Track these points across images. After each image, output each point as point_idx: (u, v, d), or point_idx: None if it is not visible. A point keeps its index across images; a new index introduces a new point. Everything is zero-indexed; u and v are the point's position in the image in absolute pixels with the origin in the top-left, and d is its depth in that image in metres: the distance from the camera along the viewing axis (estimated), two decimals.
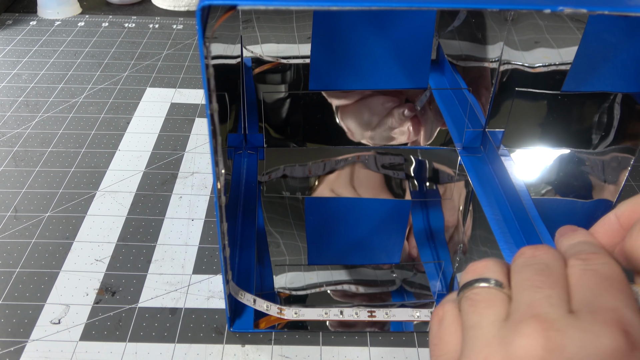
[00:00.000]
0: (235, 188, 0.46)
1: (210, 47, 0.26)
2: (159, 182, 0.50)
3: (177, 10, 0.81)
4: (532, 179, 0.45)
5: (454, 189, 0.49)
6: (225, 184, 0.32)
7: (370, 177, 0.50)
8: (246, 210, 0.45)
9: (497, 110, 0.48)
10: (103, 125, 0.57)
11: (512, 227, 0.42)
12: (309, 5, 0.23)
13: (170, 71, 0.66)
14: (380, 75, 0.47)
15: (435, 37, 0.50)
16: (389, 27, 0.45)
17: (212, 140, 0.27)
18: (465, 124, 0.50)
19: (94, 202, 0.48)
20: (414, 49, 0.46)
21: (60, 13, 0.77)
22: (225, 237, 0.32)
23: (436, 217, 0.46)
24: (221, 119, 0.28)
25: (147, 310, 0.39)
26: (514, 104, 0.46)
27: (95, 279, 0.41)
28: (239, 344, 0.37)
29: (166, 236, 0.45)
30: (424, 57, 0.46)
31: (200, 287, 0.41)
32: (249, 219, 0.44)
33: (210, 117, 0.26)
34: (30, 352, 0.36)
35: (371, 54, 0.46)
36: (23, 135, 0.55)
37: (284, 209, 0.46)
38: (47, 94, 0.61)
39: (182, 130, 0.56)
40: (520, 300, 0.20)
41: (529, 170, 0.46)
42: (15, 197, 0.48)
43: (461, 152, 0.50)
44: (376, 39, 0.45)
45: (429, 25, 0.45)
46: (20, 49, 0.69)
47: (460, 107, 0.52)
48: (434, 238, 0.44)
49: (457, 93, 0.53)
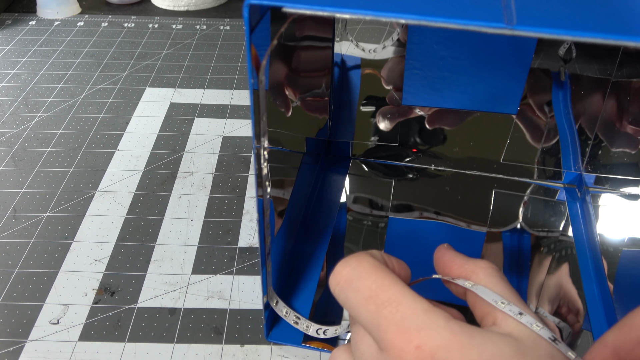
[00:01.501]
0: (305, 197, 0.44)
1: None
2: (158, 182, 0.50)
3: (177, 10, 0.81)
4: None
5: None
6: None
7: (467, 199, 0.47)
8: (319, 226, 0.43)
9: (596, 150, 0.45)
10: (102, 125, 0.57)
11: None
12: (355, 14, 0.22)
13: (169, 71, 0.66)
14: (470, 96, 0.46)
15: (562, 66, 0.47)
16: (485, 48, 0.43)
17: (254, 117, 0.26)
18: (571, 159, 0.46)
19: (93, 202, 0.48)
20: (508, 73, 0.44)
21: (60, 13, 0.77)
22: (267, 246, 0.31)
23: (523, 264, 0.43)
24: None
25: (146, 310, 0.39)
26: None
27: (94, 279, 0.41)
28: (238, 344, 0.37)
29: (165, 236, 0.45)
30: (517, 83, 0.45)
31: (200, 287, 0.41)
32: (323, 237, 0.43)
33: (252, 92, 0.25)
34: (29, 353, 0.36)
35: (464, 73, 0.44)
36: (22, 135, 0.55)
37: (360, 228, 0.45)
38: (46, 93, 0.61)
39: (181, 130, 0.56)
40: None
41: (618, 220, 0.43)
42: (15, 197, 0.48)
43: (562, 191, 0.47)
44: (470, 58, 0.43)
45: (528, 51, 0.43)
46: (20, 48, 0.69)
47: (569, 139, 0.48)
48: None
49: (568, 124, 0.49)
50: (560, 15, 0.21)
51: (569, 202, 0.47)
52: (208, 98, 0.61)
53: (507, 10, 0.21)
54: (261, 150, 0.28)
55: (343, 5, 0.21)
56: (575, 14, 0.21)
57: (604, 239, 0.42)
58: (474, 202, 0.47)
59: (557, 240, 0.44)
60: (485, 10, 0.21)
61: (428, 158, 0.50)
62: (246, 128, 0.57)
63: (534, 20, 0.21)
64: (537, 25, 0.20)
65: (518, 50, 0.42)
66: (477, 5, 0.21)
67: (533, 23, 0.20)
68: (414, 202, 0.47)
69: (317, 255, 0.42)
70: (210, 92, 0.62)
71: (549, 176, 0.48)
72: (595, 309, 0.38)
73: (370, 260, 0.23)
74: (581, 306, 0.39)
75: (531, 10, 0.21)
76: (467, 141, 0.48)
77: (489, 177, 0.49)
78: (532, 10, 0.21)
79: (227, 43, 0.72)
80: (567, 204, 0.47)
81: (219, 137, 0.55)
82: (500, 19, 0.20)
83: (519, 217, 0.46)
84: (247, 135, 0.56)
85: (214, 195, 0.49)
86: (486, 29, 0.20)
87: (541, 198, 0.47)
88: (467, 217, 0.46)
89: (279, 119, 0.34)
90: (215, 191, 0.49)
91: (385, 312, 0.21)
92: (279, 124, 0.34)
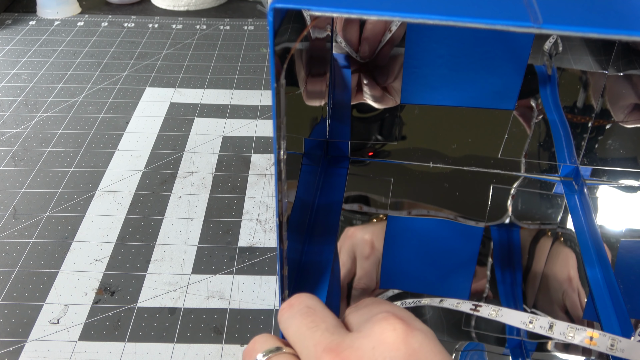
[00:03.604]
0: (308, 199, 0.44)
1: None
2: (158, 181, 0.50)
3: (177, 10, 0.81)
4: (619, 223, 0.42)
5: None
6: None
7: (465, 195, 0.48)
8: (323, 227, 0.43)
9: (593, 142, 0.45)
10: (102, 125, 0.57)
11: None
12: (382, 16, 0.22)
13: (169, 71, 0.66)
14: (469, 93, 0.46)
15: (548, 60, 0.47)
16: (483, 45, 0.43)
17: (275, 120, 0.26)
18: (565, 152, 0.46)
19: (93, 202, 0.48)
20: (506, 69, 0.44)
21: (60, 13, 0.77)
22: (284, 250, 0.31)
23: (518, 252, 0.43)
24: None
25: (146, 310, 0.39)
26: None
27: (94, 278, 0.41)
28: (238, 344, 0.37)
29: (165, 236, 0.45)
30: (515, 79, 0.45)
31: (200, 286, 0.41)
32: (328, 238, 0.43)
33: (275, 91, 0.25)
34: (29, 352, 0.36)
35: (461, 71, 0.45)
36: (22, 135, 0.55)
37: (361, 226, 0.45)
38: (46, 93, 0.61)
39: (181, 130, 0.56)
40: (305, 346, 0.21)
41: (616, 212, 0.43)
42: (15, 196, 0.48)
43: (559, 185, 0.47)
44: (468, 56, 0.44)
45: (525, 47, 0.43)
46: (20, 48, 0.69)
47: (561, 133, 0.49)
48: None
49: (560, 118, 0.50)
50: (583, 13, 0.21)
51: (566, 195, 0.47)
52: (208, 98, 0.61)
53: (530, 9, 0.21)
54: (281, 154, 0.28)
55: (369, 8, 0.21)
56: (596, 11, 0.21)
57: (602, 230, 0.42)
58: (472, 198, 0.47)
59: (554, 232, 0.44)
60: (509, 9, 0.21)
61: (426, 155, 0.50)
62: (246, 128, 0.57)
63: (559, 18, 0.21)
64: (564, 23, 0.20)
65: (515, 46, 0.43)
66: (501, 5, 0.22)
67: (559, 21, 0.20)
68: (412, 199, 0.47)
69: (324, 258, 0.42)
70: (210, 92, 0.62)
71: (545, 170, 0.49)
72: (601, 296, 0.38)
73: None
74: (584, 295, 0.39)
75: (554, 8, 0.21)
76: (465, 138, 0.48)
77: (487, 172, 0.49)
78: (555, 8, 0.21)
79: (227, 43, 0.72)
80: (565, 196, 0.47)
81: (219, 137, 0.55)
82: (526, 18, 0.21)
83: (516, 211, 0.46)
84: (247, 135, 0.56)
85: (214, 195, 0.49)
86: (514, 28, 0.20)
87: (537, 192, 0.48)
88: (465, 213, 0.46)
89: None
90: (215, 191, 0.49)
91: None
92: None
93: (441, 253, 0.43)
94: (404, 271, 0.41)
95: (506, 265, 0.42)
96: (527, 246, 0.44)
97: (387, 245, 0.43)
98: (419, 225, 0.45)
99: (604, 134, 0.46)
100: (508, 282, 0.40)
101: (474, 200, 0.47)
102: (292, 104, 0.34)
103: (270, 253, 0.43)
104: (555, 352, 0.36)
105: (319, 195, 0.47)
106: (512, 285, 0.40)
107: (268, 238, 0.45)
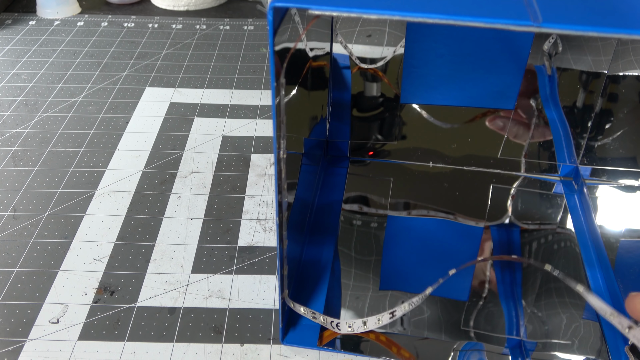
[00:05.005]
0: (308, 199, 0.44)
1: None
2: (157, 181, 0.50)
3: (177, 10, 0.81)
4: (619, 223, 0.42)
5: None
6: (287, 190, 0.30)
7: (465, 196, 0.47)
8: (323, 227, 0.43)
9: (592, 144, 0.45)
10: (102, 124, 0.57)
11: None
12: (383, 15, 0.22)
13: (169, 71, 0.66)
14: (469, 93, 0.46)
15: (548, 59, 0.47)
16: (483, 45, 0.43)
17: (275, 127, 0.26)
18: (565, 152, 0.46)
19: (93, 202, 0.48)
20: (506, 69, 0.44)
21: (60, 13, 0.77)
22: (284, 248, 0.31)
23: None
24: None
25: (145, 310, 0.39)
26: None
27: (93, 278, 0.41)
28: (238, 344, 0.37)
29: (165, 235, 0.45)
30: (515, 78, 0.45)
31: (199, 286, 0.41)
32: (327, 238, 0.42)
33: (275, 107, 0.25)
34: (29, 352, 0.36)
35: (461, 70, 0.44)
36: (22, 135, 0.55)
37: (359, 228, 0.44)
38: (46, 93, 0.61)
39: (181, 130, 0.56)
40: None
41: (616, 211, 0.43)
42: (14, 196, 0.48)
43: (559, 184, 0.47)
44: (468, 56, 0.44)
45: (525, 46, 0.43)
46: (20, 48, 0.69)
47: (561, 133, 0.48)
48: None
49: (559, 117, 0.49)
50: (583, 12, 0.21)
51: (566, 195, 0.47)
52: (208, 98, 0.61)
53: (530, 8, 0.21)
54: (281, 153, 0.28)
55: (369, 7, 0.21)
56: (596, 11, 0.21)
57: (601, 230, 0.42)
58: (472, 197, 0.47)
59: (554, 232, 0.44)
60: (509, 8, 0.21)
61: (426, 155, 0.50)
62: (246, 128, 0.57)
63: (559, 17, 0.21)
64: (563, 22, 0.20)
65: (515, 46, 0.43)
66: (500, 4, 0.22)
67: (559, 20, 0.21)
68: (412, 199, 0.47)
69: (324, 258, 0.42)
70: (210, 91, 0.62)
71: (545, 169, 0.49)
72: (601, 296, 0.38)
73: None
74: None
75: (554, 7, 0.21)
76: (465, 138, 0.48)
77: (487, 172, 0.49)
78: (554, 8, 0.21)
79: (226, 43, 0.72)
80: (565, 196, 0.47)
81: (219, 137, 0.55)
82: (526, 17, 0.21)
83: (516, 211, 0.46)
84: (246, 135, 0.56)
85: (213, 194, 0.49)
86: (514, 27, 0.21)
87: (537, 191, 0.48)
88: (465, 213, 0.46)
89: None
90: (215, 191, 0.49)
91: None
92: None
93: (441, 253, 0.43)
94: (403, 271, 0.41)
95: (506, 265, 0.42)
96: (527, 246, 0.44)
97: (386, 245, 0.43)
98: (419, 225, 0.45)
99: (603, 134, 0.46)
100: (508, 282, 0.40)
101: (473, 200, 0.47)
102: (292, 103, 0.34)
103: (270, 253, 0.43)
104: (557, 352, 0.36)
105: (318, 195, 0.47)
106: (512, 285, 0.40)
107: (268, 238, 0.45)
